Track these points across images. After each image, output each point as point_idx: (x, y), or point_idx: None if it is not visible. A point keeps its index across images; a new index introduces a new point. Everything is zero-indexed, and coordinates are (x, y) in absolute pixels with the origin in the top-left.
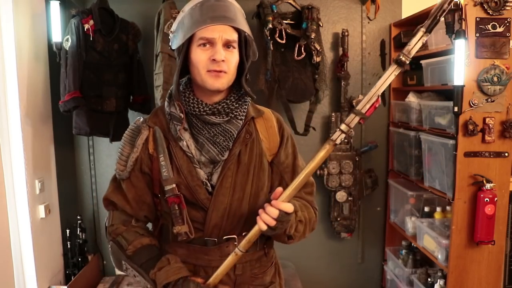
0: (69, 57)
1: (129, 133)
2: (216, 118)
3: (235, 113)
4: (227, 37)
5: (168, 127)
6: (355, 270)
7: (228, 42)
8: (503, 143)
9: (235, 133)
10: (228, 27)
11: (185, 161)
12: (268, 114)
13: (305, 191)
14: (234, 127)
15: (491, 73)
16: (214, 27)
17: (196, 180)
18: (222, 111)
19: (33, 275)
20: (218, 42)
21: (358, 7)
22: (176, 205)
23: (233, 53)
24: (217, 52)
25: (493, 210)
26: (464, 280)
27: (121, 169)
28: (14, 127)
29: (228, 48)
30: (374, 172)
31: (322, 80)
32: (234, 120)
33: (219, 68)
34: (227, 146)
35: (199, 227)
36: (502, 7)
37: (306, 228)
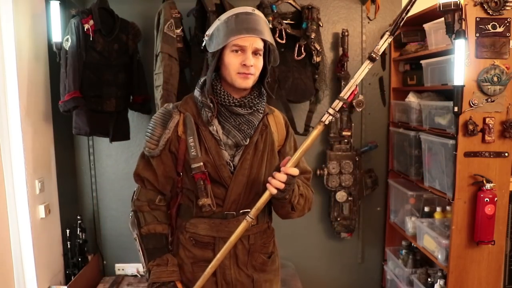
0: (69, 57)
1: (160, 116)
2: (242, 110)
3: (257, 107)
4: (256, 46)
5: (198, 113)
6: (355, 270)
7: (257, 50)
8: (503, 143)
9: (256, 123)
10: (257, 38)
11: (213, 143)
12: (278, 112)
13: (304, 176)
14: (256, 118)
15: (491, 73)
16: (246, 38)
17: (222, 160)
18: (247, 104)
19: (33, 275)
20: (248, 50)
21: (358, 7)
22: (202, 180)
23: (259, 59)
24: (248, 58)
25: (493, 210)
26: (464, 280)
27: (152, 147)
28: (14, 127)
29: (256, 55)
30: (374, 172)
31: (322, 80)
32: (256, 112)
33: (248, 72)
34: (250, 134)
35: (220, 203)
36: (502, 7)
37: (306, 204)
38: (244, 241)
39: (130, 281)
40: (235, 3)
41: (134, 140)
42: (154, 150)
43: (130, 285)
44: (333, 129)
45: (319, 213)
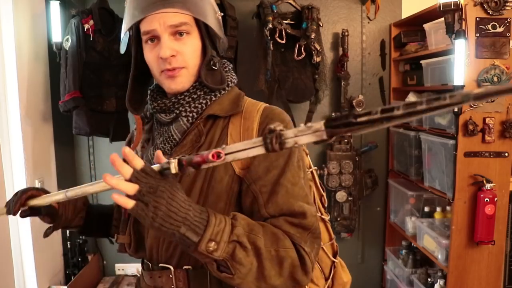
0: (69, 57)
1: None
2: (164, 117)
3: (182, 109)
4: (170, 23)
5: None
6: (355, 270)
7: (176, 28)
8: (503, 143)
9: (176, 136)
10: (174, 9)
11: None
12: (251, 112)
13: (287, 219)
14: (178, 127)
15: (491, 73)
16: (152, 16)
17: None
18: (171, 107)
19: (33, 275)
20: (162, 34)
21: (358, 7)
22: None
23: (186, 40)
24: (162, 47)
25: (493, 210)
26: (464, 280)
27: None
28: (14, 127)
29: (180, 35)
30: (374, 172)
31: (322, 80)
32: (180, 118)
33: (170, 67)
34: (165, 150)
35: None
36: (502, 7)
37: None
38: None
39: (130, 281)
40: (235, 3)
41: None
42: None
43: (130, 285)
44: None
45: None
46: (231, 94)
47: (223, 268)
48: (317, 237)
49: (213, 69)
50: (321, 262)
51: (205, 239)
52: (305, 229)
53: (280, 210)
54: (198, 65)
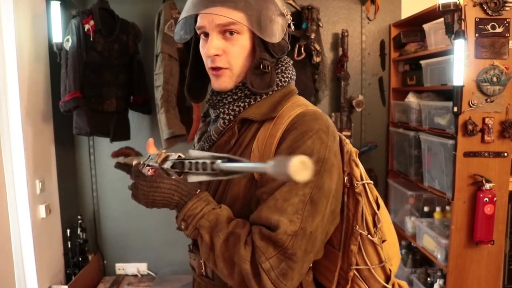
0: (70, 58)
1: None
2: (212, 112)
3: (222, 110)
4: (218, 22)
5: None
6: None
7: (225, 28)
8: (503, 143)
9: (213, 136)
10: (224, 9)
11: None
12: (283, 117)
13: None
14: (215, 128)
15: (490, 73)
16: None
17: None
18: (216, 105)
19: (34, 275)
20: (211, 31)
21: (358, 7)
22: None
23: (234, 41)
24: (208, 45)
25: (492, 210)
26: (464, 279)
27: None
28: (14, 127)
29: (231, 35)
30: (374, 172)
31: (322, 80)
32: (220, 119)
33: (214, 65)
34: (203, 147)
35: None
36: (502, 8)
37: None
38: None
39: (131, 280)
40: None
41: (134, 140)
42: None
43: (131, 284)
44: None
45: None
46: (275, 97)
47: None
48: (289, 258)
49: (263, 72)
50: (370, 284)
51: (179, 218)
52: (274, 245)
53: (259, 219)
54: (246, 67)
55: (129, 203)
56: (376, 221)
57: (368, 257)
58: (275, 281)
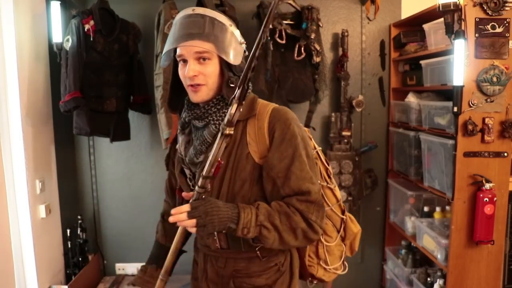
0: (70, 58)
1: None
2: (198, 123)
3: (210, 118)
4: (196, 50)
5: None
6: (355, 269)
7: (199, 55)
8: (503, 143)
9: (208, 139)
10: (199, 41)
11: (178, 161)
12: (262, 113)
13: (297, 197)
14: (208, 132)
15: (490, 73)
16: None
17: (183, 180)
18: (202, 116)
19: (34, 275)
20: (189, 59)
21: (358, 7)
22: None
23: (207, 64)
24: (187, 69)
25: (492, 210)
26: (464, 279)
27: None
28: (14, 127)
29: (204, 60)
30: (374, 172)
31: (322, 80)
32: (210, 125)
33: (193, 83)
34: (201, 150)
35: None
36: (502, 8)
37: (283, 236)
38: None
39: (131, 280)
40: (235, 3)
41: (134, 140)
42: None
43: (131, 284)
44: (333, 129)
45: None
46: (247, 101)
47: (256, 240)
48: (321, 206)
49: (231, 86)
50: (332, 219)
51: (239, 228)
52: (311, 203)
53: (292, 191)
54: (216, 83)
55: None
56: (328, 173)
57: (328, 199)
58: (320, 224)
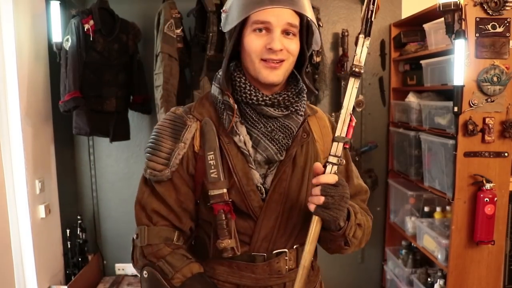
0: (69, 57)
1: (169, 125)
2: (275, 111)
3: (296, 107)
4: (288, 20)
5: (218, 119)
6: (355, 270)
7: (289, 28)
8: (503, 143)
9: (295, 130)
10: (288, 10)
11: (240, 160)
12: (321, 113)
13: (360, 198)
14: (294, 123)
15: (491, 73)
16: (272, 10)
17: (251, 184)
18: (282, 103)
19: (33, 275)
20: (276, 28)
21: (358, 7)
22: (224, 214)
23: (293, 40)
24: (274, 39)
25: (493, 210)
26: (464, 280)
27: (160, 168)
28: (14, 127)
29: (288, 35)
30: (374, 172)
31: (322, 80)
32: (294, 115)
33: (276, 58)
34: (286, 144)
35: (245, 240)
36: (502, 7)
37: (363, 237)
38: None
39: (130, 281)
40: None
41: (134, 140)
42: (163, 172)
43: (130, 285)
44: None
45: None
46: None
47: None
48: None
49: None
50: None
51: (349, 227)
52: (366, 201)
53: (355, 190)
54: (292, 65)
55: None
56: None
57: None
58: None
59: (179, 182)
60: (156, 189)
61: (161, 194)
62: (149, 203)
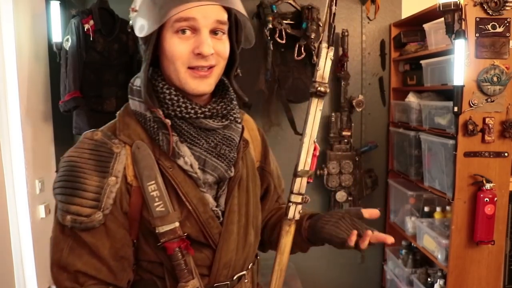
0: (69, 57)
1: (89, 155)
2: (214, 122)
3: (234, 115)
4: (216, 18)
5: (152, 141)
6: (355, 270)
7: (217, 26)
8: (503, 143)
9: (237, 140)
10: (216, 6)
11: (190, 185)
12: (246, 115)
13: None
14: (235, 133)
15: (491, 73)
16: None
17: (209, 211)
18: (220, 112)
19: (33, 275)
20: (203, 28)
21: (358, 7)
22: (181, 252)
23: (223, 41)
24: (203, 42)
25: (493, 210)
26: (464, 280)
27: (87, 212)
28: (14, 127)
29: (216, 34)
30: (374, 172)
31: None
32: (233, 124)
33: (206, 64)
34: (234, 158)
35: (204, 272)
36: (502, 7)
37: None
38: None
39: None
40: None
41: None
42: (93, 216)
43: None
44: (333, 129)
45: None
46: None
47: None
48: None
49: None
50: None
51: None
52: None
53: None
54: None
55: None
56: None
57: None
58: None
59: (114, 226)
60: (83, 239)
61: (90, 245)
62: (71, 263)
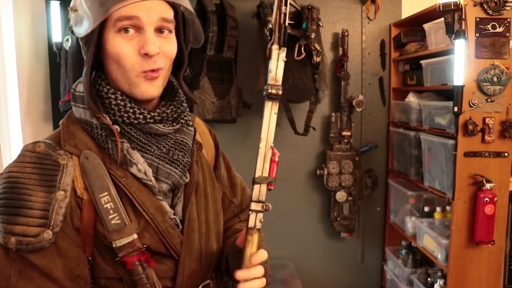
0: (69, 57)
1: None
2: (165, 127)
3: (185, 118)
4: (160, 15)
5: (100, 150)
6: (355, 270)
7: (163, 24)
8: (503, 143)
9: (190, 144)
10: (160, 2)
11: (146, 194)
12: (197, 118)
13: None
14: (188, 136)
15: (491, 73)
16: (140, 3)
17: (168, 220)
18: (171, 116)
19: None
20: (147, 26)
21: (358, 7)
22: (141, 265)
23: (169, 39)
24: (148, 41)
25: (493, 210)
26: (464, 280)
27: (34, 232)
28: (14, 127)
29: (162, 33)
30: (374, 172)
31: (322, 80)
32: (185, 127)
33: (155, 66)
34: (188, 163)
35: (168, 284)
36: (502, 7)
37: None
38: None
39: None
40: (235, 3)
41: None
42: (40, 236)
43: None
44: (333, 129)
45: (319, 213)
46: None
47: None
48: None
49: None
50: None
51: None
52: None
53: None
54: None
55: None
56: None
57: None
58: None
59: (66, 244)
60: (31, 261)
61: (41, 267)
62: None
